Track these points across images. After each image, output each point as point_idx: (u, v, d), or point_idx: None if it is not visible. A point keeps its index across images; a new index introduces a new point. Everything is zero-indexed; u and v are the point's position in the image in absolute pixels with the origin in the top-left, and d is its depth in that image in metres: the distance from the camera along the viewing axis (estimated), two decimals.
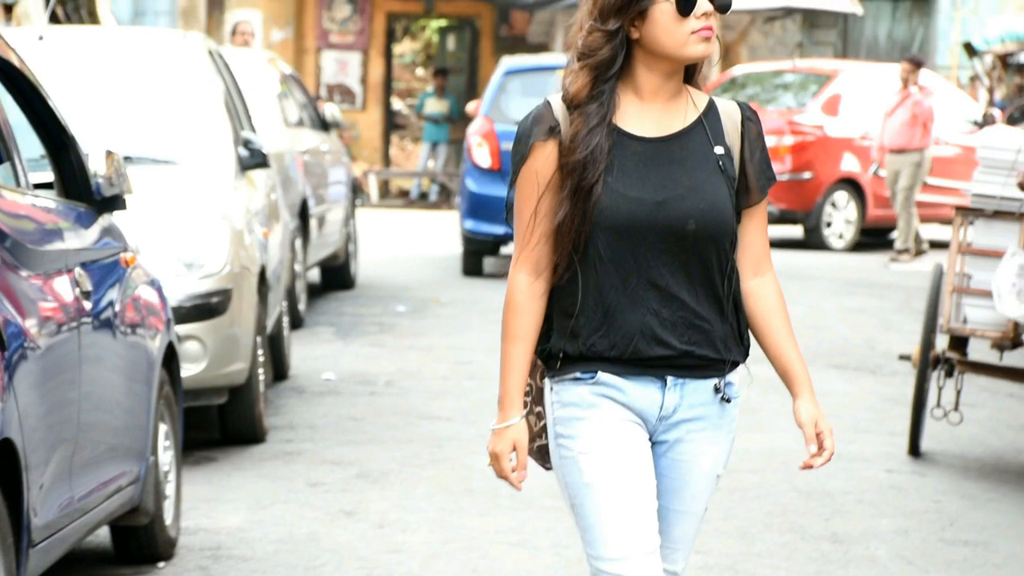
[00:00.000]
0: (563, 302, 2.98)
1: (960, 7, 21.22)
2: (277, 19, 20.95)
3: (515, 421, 2.99)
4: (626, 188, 2.92)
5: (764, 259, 3.04)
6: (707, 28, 2.92)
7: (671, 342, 2.94)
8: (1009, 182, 6.60)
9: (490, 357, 9.08)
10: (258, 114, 9.04)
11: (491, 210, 12.12)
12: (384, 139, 21.93)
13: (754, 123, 3.02)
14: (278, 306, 8.03)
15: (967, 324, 6.69)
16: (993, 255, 6.58)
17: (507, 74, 12.98)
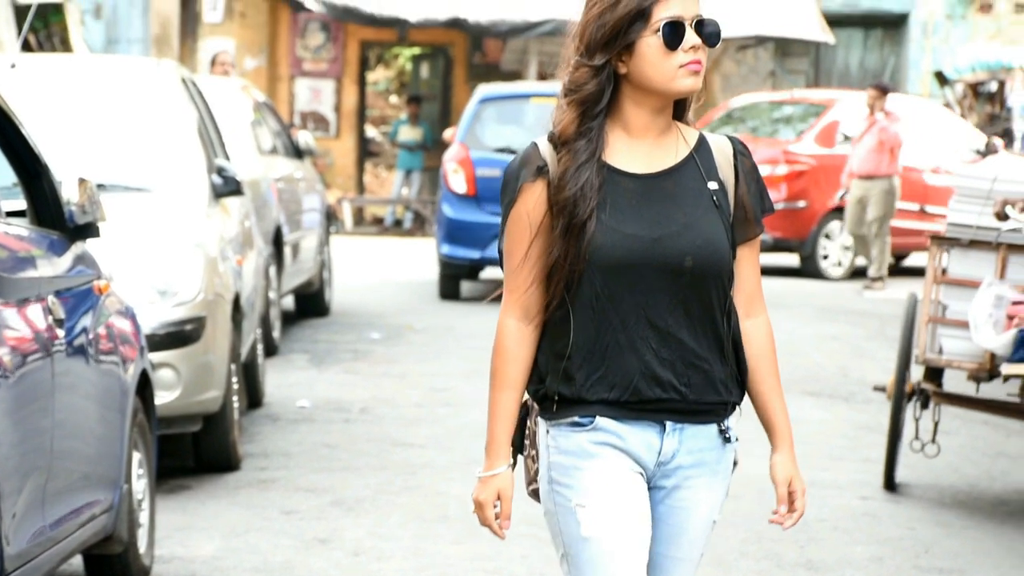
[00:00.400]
0: (556, 343, 2.90)
1: (931, 36, 21.37)
2: (250, 47, 20.95)
3: (501, 470, 2.95)
4: (621, 224, 2.86)
5: (757, 299, 2.99)
6: (695, 62, 2.87)
7: (672, 383, 2.87)
8: (985, 211, 6.51)
9: (465, 383, 9.08)
10: (232, 142, 9.03)
11: (467, 235, 12.40)
12: (358, 166, 21.93)
13: (747, 157, 2.97)
14: (252, 333, 8.01)
15: (943, 355, 6.59)
16: (969, 285, 6.49)
17: (482, 102, 13.17)
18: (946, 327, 6.57)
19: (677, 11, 2.88)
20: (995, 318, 6.30)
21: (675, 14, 2.87)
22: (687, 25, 2.87)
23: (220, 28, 20.91)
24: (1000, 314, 6.31)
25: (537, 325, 2.91)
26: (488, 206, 12.48)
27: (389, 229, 21.07)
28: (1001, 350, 6.28)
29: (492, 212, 12.36)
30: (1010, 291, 6.35)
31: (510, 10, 19.89)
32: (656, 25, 2.86)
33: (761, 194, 2.97)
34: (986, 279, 6.40)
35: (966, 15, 21.51)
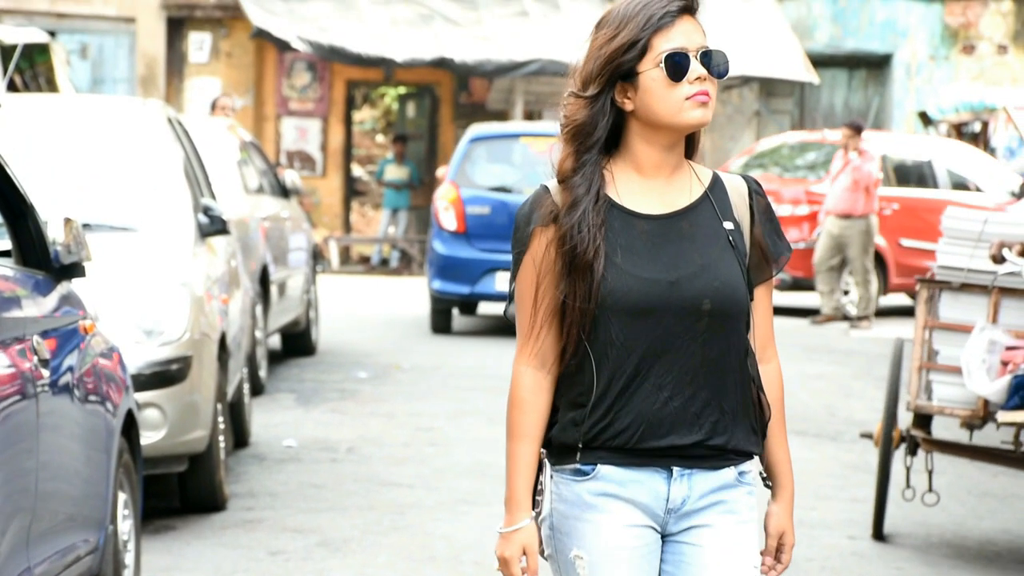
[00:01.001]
0: (571, 391, 2.82)
1: (915, 76, 21.48)
2: (237, 86, 20.98)
3: (524, 524, 2.82)
4: (636, 268, 2.78)
5: (769, 343, 2.91)
6: (702, 93, 2.79)
7: (682, 433, 2.78)
8: (977, 253, 6.35)
9: (452, 423, 9.06)
10: (218, 181, 9.03)
11: (458, 271, 12.73)
12: (344, 205, 21.95)
13: (762, 196, 2.90)
14: (238, 373, 7.99)
15: (934, 401, 6.40)
16: (961, 329, 6.32)
17: (472, 141, 13.45)
18: (937, 373, 6.39)
19: (680, 42, 2.80)
20: (988, 363, 6.16)
21: (678, 45, 2.80)
22: (692, 56, 2.80)
23: (206, 68, 20.95)
24: (994, 359, 6.17)
25: (553, 373, 2.83)
26: (478, 243, 12.78)
27: (376, 268, 21.06)
28: (995, 397, 6.14)
29: (481, 249, 12.72)
30: (1003, 336, 6.20)
31: (496, 50, 19.97)
32: (658, 57, 2.79)
33: (777, 235, 2.90)
34: (978, 323, 6.25)
35: (949, 56, 21.64)
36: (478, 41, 20.17)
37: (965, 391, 6.27)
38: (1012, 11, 21.56)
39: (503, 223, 12.67)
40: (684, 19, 2.81)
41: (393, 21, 20.66)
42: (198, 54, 20.90)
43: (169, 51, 20.87)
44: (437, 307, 13.13)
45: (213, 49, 20.93)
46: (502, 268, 12.61)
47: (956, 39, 21.60)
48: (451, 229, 12.87)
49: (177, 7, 20.74)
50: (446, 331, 13.19)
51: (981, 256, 6.34)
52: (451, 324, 13.29)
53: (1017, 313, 6.27)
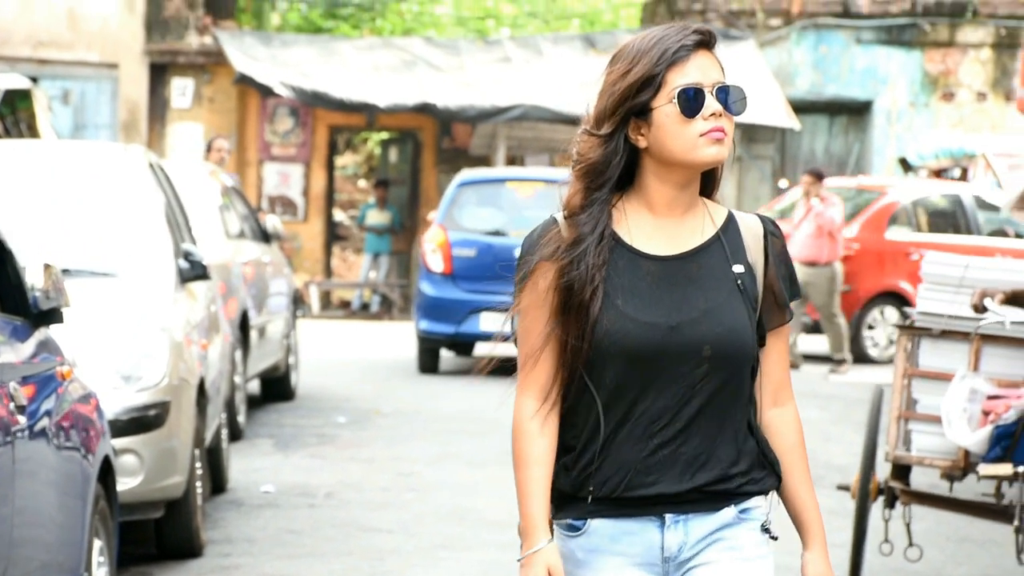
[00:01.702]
0: (566, 433, 2.74)
1: (895, 123, 21.61)
2: (219, 132, 21.01)
3: (543, 544, 2.69)
4: (636, 312, 2.68)
5: (785, 387, 2.80)
6: (717, 129, 2.69)
7: (672, 481, 2.68)
8: (957, 300, 6.21)
9: (432, 468, 9.04)
10: (199, 226, 9.04)
11: (444, 312, 13.03)
12: (326, 250, 21.96)
13: (778, 238, 2.78)
14: (217, 418, 7.97)
15: (913, 451, 6.22)
16: (941, 377, 6.15)
17: (460, 185, 13.83)
18: (917, 422, 6.22)
19: (695, 77, 2.71)
20: (969, 413, 6.00)
21: (693, 81, 2.70)
22: (707, 91, 2.70)
23: (189, 113, 20.99)
24: (975, 409, 6.01)
25: (556, 404, 2.73)
26: (464, 284, 13.07)
27: (356, 313, 21.06)
28: (976, 447, 5.99)
29: (467, 290, 13.02)
30: (985, 384, 6.06)
31: (478, 95, 20.05)
32: (672, 93, 2.69)
33: (790, 279, 2.79)
34: (959, 371, 6.08)
35: (929, 103, 21.78)
36: (461, 87, 20.25)
37: (945, 441, 6.11)
38: (991, 59, 21.73)
39: (489, 265, 12.86)
40: (700, 53, 2.72)
41: (376, 67, 20.74)
42: (181, 99, 20.94)
43: (151, 97, 20.91)
44: (424, 347, 13.40)
45: (196, 95, 20.98)
46: (487, 308, 12.91)
47: (936, 86, 21.74)
48: (438, 271, 13.16)
49: (160, 53, 20.79)
50: (433, 371, 13.43)
51: (962, 302, 6.22)
52: (438, 364, 13.51)
53: (999, 361, 6.15)
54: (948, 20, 21.61)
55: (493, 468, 9.06)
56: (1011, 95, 20.23)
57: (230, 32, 21.10)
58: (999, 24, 21.55)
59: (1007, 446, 5.91)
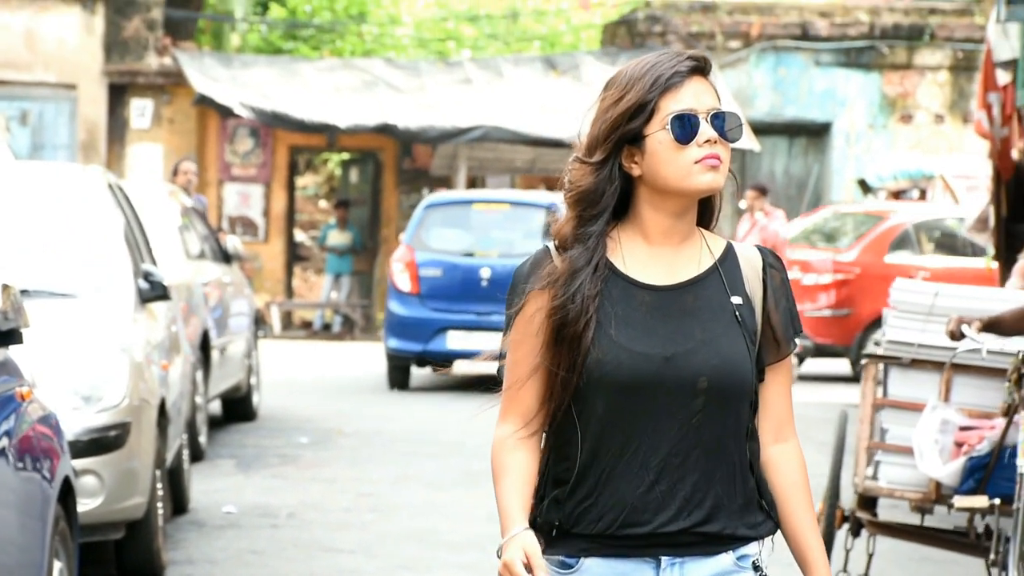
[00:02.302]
0: (557, 468, 2.65)
1: (854, 144, 21.76)
2: (179, 152, 20.95)
3: (519, 530, 2.60)
4: (630, 342, 2.60)
5: (787, 423, 2.71)
6: (712, 156, 2.62)
7: (668, 519, 2.60)
8: (928, 328, 6.02)
9: (393, 488, 9.02)
10: (159, 246, 9.02)
11: (411, 330, 13.44)
12: (287, 270, 21.92)
13: (777, 270, 2.71)
14: (178, 438, 7.94)
15: (883, 482, 6.08)
16: (911, 407, 6.01)
17: (428, 207, 14.32)
18: (886, 453, 6.08)
19: (689, 103, 2.64)
20: (941, 444, 5.86)
21: (686, 107, 2.64)
22: (701, 118, 2.63)
23: (148, 134, 20.93)
24: (947, 440, 5.87)
25: (538, 434, 2.66)
26: (430, 303, 13.49)
27: (318, 333, 21.02)
28: (948, 479, 5.86)
29: (433, 308, 13.46)
30: (956, 415, 5.93)
31: (439, 116, 20.07)
32: (665, 120, 2.62)
33: (791, 313, 2.70)
34: (930, 402, 5.93)
35: (887, 125, 21.94)
36: (421, 108, 20.27)
37: (916, 473, 5.96)
38: (948, 81, 21.92)
39: (455, 284, 13.39)
40: (694, 80, 2.66)
41: (336, 88, 20.74)
42: (140, 120, 20.88)
43: (110, 117, 20.84)
44: (393, 364, 13.76)
45: (155, 115, 20.92)
46: (453, 327, 13.32)
47: (894, 108, 21.91)
48: (405, 290, 13.53)
49: (119, 74, 20.73)
50: (404, 387, 13.79)
51: (933, 331, 6.03)
52: (408, 381, 13.83)
53: (970, 391, 6.02)
54: (906, 43, 21.79)
55: (454, 490, 9.05)
56: (968, 117, 20.40)
57: (190, 53, 21.06)
58: (956, 47, 21.75)
59: (980, 478, 5.80)
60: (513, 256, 13.68)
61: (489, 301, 13.44)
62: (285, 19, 25.24)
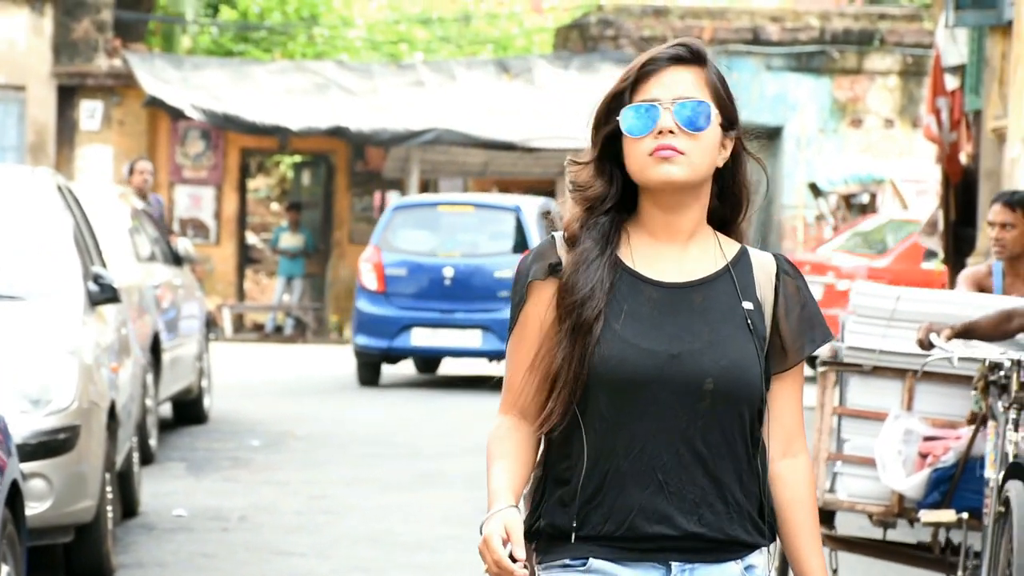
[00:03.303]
0: (559, 464, 2.56)
1: (805, 148, 21.89)
2: (129, 154, 20.82)
3: (503, 507, 2.52)
4: (635, 337, 2.52)
5: (796, 436, 2.62)
6: (663, 147, 2.53)
7: (678, 521, 2.52)
8: (889, 333, 5.77)
9: (346, 490, 9.00)
10: (109, 249, 8.96)
11: (377, 327, 13.88)
12: (238, 273, 21.82)
13: (792, 278, 2.61)
14: (128, 441, 7.89)
15: (843, 495, 5.82)
16: (872, 416, 5.77)
17: (396, 209, 14.87)
18: (846, 464, 5.82)
19: (654, 93, 2.56)
20: (905, 455, 5.63)
21: (651, 96, 2.56)
22: (662, 107, 2.54)
23: (98, 136, 20.80)
24: (910, 451, 5.64)
25: (535, 427, 2.58)
26: (396, 300, 13.96)
27: (270, 336, 20.94)
28: (912, 492, 5.63)
29: (399, 306, 13.93)
30: (920, 425, 5.71)
31: (392, 119, 20.05)
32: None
33: (811, 321, 2.60)
34: (892, 411, 5.70)
35: (838, 129, 22.08)
36: (374, 110, 20.24)
37: (878, 485, 5.72)
38: (898, 86, 22.08)
39: (419, 283, 13.92)
40: (673, 68, 2.57)
41: (288, 90, 20.67)
42: (89, 122, 20.74)
43: (60, 119, 20.69)
44: (361, 361, 14.16)
45: (105, 117, 20.79)
46: (418, 324, 13.83)
47: (844, 113, 22.06)
48: (372, 288, 14.01)
49: (68, 75, 20.59)
50: (373, 384, 14.15)
51: (895, 336, 5.78)
52: (377, 378, 14.20)
53: (934, 399, 5.81)
54: (856, 48, 21.94)
55: (408, 491, 9.03)
56: (918, 122, 20.56)
57: (140, 55, 20.94)
58: (905, 52, 21.92)
59: (946, 491, 5.60)
60: (476, 256, 14.10)
61: (452, 299, 13.88)
62: (236, 21, 25.14)
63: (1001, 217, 6.19)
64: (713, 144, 2.58)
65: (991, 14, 11.80)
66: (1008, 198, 6.26)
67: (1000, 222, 6.18)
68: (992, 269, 6.27)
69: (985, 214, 12.35)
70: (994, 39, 12.23)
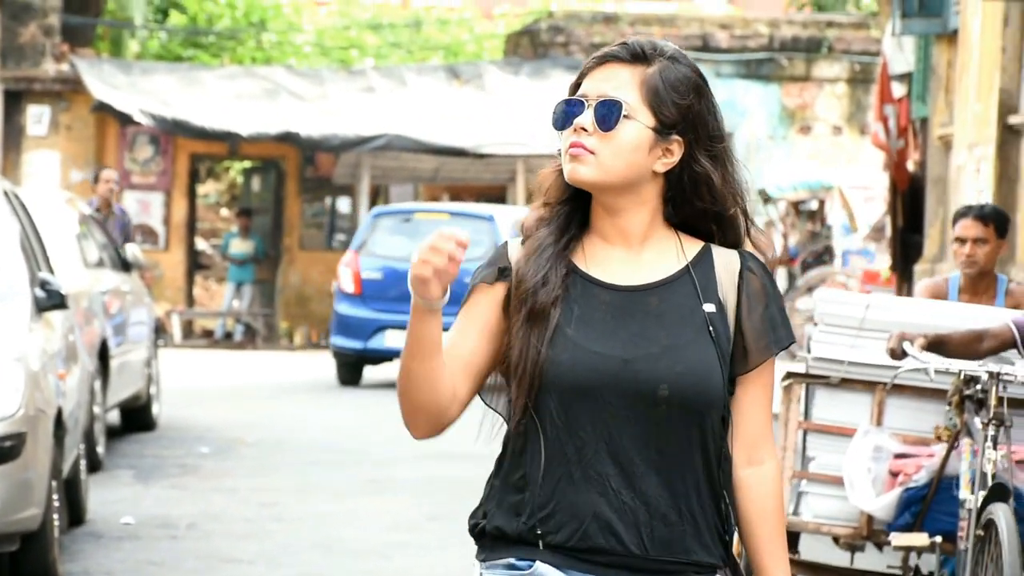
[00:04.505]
0: (512, 473, 2.46)
1: (754, 155, 22.01)
2: (76, 160, 20.71)
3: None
4: (587, 341, 2.42)
5: (762, 442, 2.48)
6: (573, 145, 2.44)
7: (630, 535, 2.41)
8: (859, 343, 5.45)
9: (296, 498, 8.97)
10: (56, 255, 8.89)
11: (352, 328, 14.52)
12: (188, 279, 21.71)
13: (756, 275, 2.49)
14: (75, 449, 7.84)
15: (807, 516, 5.48)
16: (839, 432, 5.44)
17: (376, 216, 15.67)
18: (812, 483, 5.49)
19: (586, 89, 2.48)
20: (874, 474, 5.31)
21: (583, 92, 2.48)
22: (587, 104, 2.46)
23: (45, 141, 20.64)
24: (880, 469, 5.32)
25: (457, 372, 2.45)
26: (372, 303, 14.57)
27: (219, 342, 20.84)
28: (882, 513, 5.32)
29: (374, 309, 14.51)
30: (891, 441, 5.39)
31: (342, 124, 20.00)
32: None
33: (773, 321, 2.47)
34: (861, 426, 5.38)
35: (787, 136, 22.22)
36: (324, 115, 20.19)
37: (846, 505, 5.39)
38: (846, 93, 22.24)
39: (394, 287, 14.41)
40: (609, 66, 2.48)
41: (238, 95, 20.59)
42: (36, 127, 20.59)
43: (6, 124, 20.53)
44: (339, 361, 14.84)
45: (52, 122, 20.64)
46: (392, 327, 14.27)
47: (793, 119, 22.20)
48: (349, 291, 14.67)
49: (15, 80, 20.43)
50: (353, 383, 14.76)
51: (864, 347, 5.45)
52: (356, 378, 14.80)
53: (905, 414, 5.49)
54: (804, 55, 22.08)
55: (358, 498, 9.01)
56: (865, 129, 20.73)
57: (88, 60, 20.81)
58: (853, 60, 22.08)
59: (918, 512, 5.30)
60: None
61: None
62: (185, 26, 25.02)
63: (973, 232, 5.83)
64: (630, 145, 2.46)
65: (937, 22, 11.90)
66: (979, 212, 5.91)
67: (972, 237, 5.83)
68: (949, 284, 5.94)
69: (932, 221, 12.50)
70: (940, 47, 12.34)
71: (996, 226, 5.86)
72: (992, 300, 5.83)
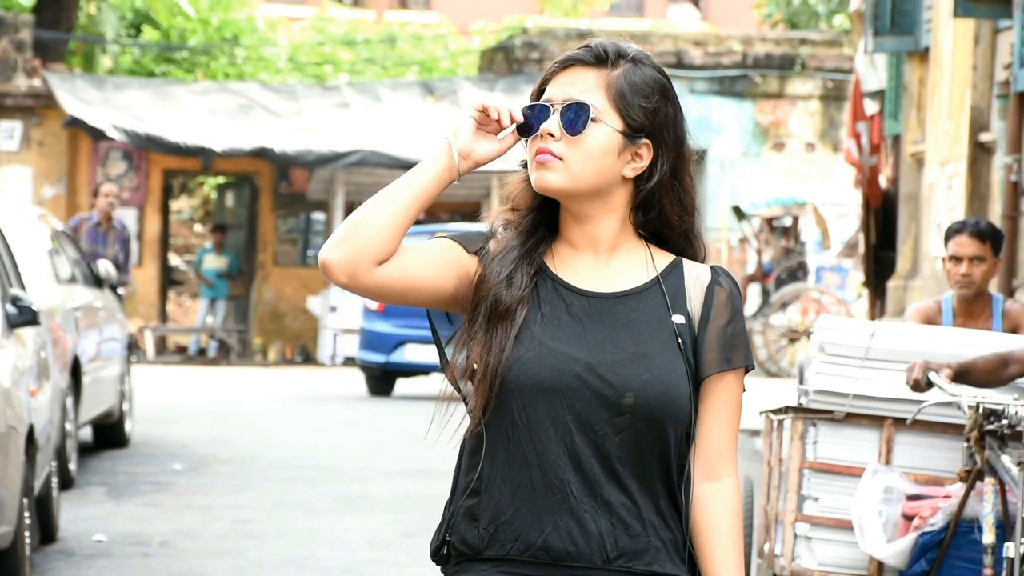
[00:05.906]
0: (467, 476, 2.40)
1: (728, 172, 22.07)
2: (49, 175, 20.63)
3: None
4: (553, 340, 2.37)
5: (721, 459, 2.42)
6: (541, 152, 2.39)
7: (592, 544, 2.35)
8: (864, 375, 5.09)
9: (269, 515, 8.93)
10: (28, 271, 8.85)
11: (376, 343, 15.13)
12: (161, 295, 21.64)
13: (724, 288, 2.44)
14: (47, 466, 7.79)
15: (813, 564, 5.14)
16: (845, 472, 5.11)
17: None
18: (817, 527, 5.14)
19: (550, 94, 2.43)
20: (886, 517, 4.97)
21: (547, 97, 2.43)
22: (553, 109, 2.41)
23: (17, 156, 20.57)
24: (892, 512, 4.98)
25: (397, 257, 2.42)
26: (393, 319, 15.04)
27: (193, 358, 20.77)
28: (895, 560, 4.96)
29: (396, 324, 15.04)
30: (903, 481, 5.04)
31: (316, 140, 19.99)
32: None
33: (731, 339, 2.42)
34: (869, 465, 5.05)
35: (760, 153, 22.30)
36: (298, 131, 20.17)
37: (855, 551, 5.06)
38: (819, 111, 22.33)
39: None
40: (573, 70, 2.43)
41: (211, 111, 20.56)
42: (8, 142, 20.51)
43: None
44: (368, 374, 15.51)
45: (24, 137, 20.56)
46: (412, 341, 14.90)
47: (767, 136, 22.28)
48: (372, 307, 15.18)
49: None
50: (384, 394, 15.35)
51: (869, 378, 5.12)
52: (387, 389, 15.36)
53: (915, 451, 5.13)
54: (778, 72, 22.17)
55: (331, 515, 8.98)
56: (838, 146, 20.81)
57: (60, 75, 20.75)
58: (826, 77, 22.17)
59: (934, 559, 4.93)
60: None
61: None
62: (158, 41, 24.98)
63: (970, 250, 5.46)
64: (599, 151, 2.40)
65: (909, 40, 11.96)
66: (975, 228, 5.50)
67: (969, 255, 5.46)
68: (941, 306, 5.59)
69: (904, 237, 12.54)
70: (912, 65, 12.41)
71: (993, 243, 5.50)
72: (988, 321, 5.52)
